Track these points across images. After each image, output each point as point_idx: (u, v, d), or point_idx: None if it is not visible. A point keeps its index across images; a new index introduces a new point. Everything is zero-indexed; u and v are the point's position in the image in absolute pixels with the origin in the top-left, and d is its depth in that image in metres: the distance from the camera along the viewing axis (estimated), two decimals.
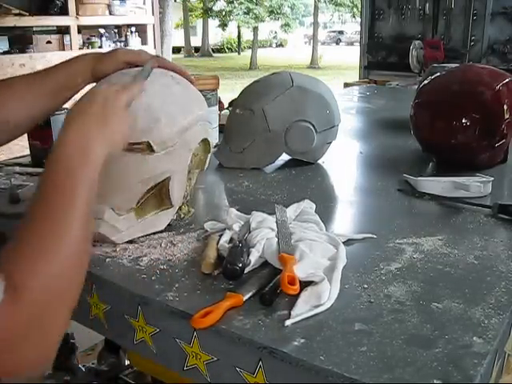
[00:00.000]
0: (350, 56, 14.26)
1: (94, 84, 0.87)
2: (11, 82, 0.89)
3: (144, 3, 4.97)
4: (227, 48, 28.17)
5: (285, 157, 1.30)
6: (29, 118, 0.88)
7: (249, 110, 1.26)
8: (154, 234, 0.89)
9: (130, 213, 0.85)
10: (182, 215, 0.96)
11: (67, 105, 1.31)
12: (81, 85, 0.90)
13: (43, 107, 0.88)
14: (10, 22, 3.94)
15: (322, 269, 0.74)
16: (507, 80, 1.25)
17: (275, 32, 30.77)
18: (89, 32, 4.63)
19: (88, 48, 4.60)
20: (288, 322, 0.63)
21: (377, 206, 1.08)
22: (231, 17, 21.83)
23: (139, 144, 0.82)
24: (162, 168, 0.85)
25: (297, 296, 0.67)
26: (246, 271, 0.74)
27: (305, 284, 0.69)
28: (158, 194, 0.88)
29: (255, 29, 21.74)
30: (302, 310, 0.65)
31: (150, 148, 0.82)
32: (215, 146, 1.43)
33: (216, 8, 22.89)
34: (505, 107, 1.20)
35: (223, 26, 23.22)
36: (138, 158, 0.82)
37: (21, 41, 4.12)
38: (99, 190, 0.80)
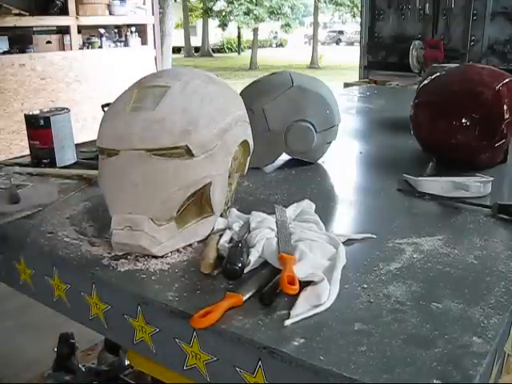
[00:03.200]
0: (350, 56, 14.25)
1: None
2: None
3: (144, 3, 4.97)
4: (227, 48, 28.16)
5: (285, 157, 1.30)
6: None
7: (249, 110, 1.25)
8: None
9: (170, 222, 0.80)
10: None
11: (67, 105, 1.32)
12: None
13: None
14: (10, 22, 3.94)
15: (321, 269, 0.74)
16: (507, 80, 1.25)
17: (275, 32, 30.77)
18: (89, 32, 4.63)
19: (88, 48, 4.60)
20: (287, 322, 0.63)
21: (377, 206, 1.08)
22: (231, 17, 21.82)
23: (177, 148, 0.77)
24: (203, 173, 0.80)
25: (296, 296, 0.67)
26: (245, 271, 0.74)
27: (304, 284, 0.69)
28: (199, 200, 0.83)
29: (255, 29, 21.73)
30: (301, 309, 0.65)
31: (189, 152, 0.77)
32: None
33: (216, 8, 22.88)
34: (505, 107, 1.20)
35: (223, 26, 23.22)
36: (177, 163, 0.77)
37: (21, 41, 4.12)
38: (138, 200, 0.76)
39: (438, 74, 1.37)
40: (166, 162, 0.77)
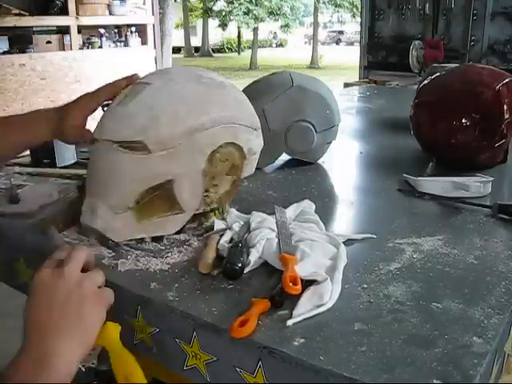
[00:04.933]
0: (350, 56, 14.26)
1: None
2: None
3: (144, 3, 4.98)
4: (227, 48, 28.17)
5: (285, 157, 1.30)
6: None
7: None
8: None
9: (127, 212, 0.82)
10: (208, 224, 0.90)
11: None
12: (39, 144, 0.94)
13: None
14: (10, 21, 3.95)
15: (323, 268, 0.74)
16: (507, 80, 1.25)
17: (275, 32, 30.77)
18: (89, 32, 4.63)
19: (88, 48, 4.61)
20: (290, 322, 0.63)
21: (377, 206, 1.08)
22: (231, 17, 21.83)
23: (135, 143, 0.79)
24: (161, 169, 0.81)
25: (298, 296, 0.67)
26: (245, 271, 0.74)
27: (307, 284, 0.69)
28: (165, 196, 0.84)
29: (255, 29, 21.74)
30: (303, 309, 0.65)
31: (145, 148, 0.79)
32: None
33: (216, 8, 22.88)
34: (505, 107, 1.20)
35: (223, 26, 23.23)
36: (132, 157, 0.80)
37: (21, 41, 4.12)
38: (97, 186, 0.83)
39: (437, 73, 1.37)
40: (124, 155, 0.80)
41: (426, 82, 1.37)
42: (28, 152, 1.34)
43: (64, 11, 4.27)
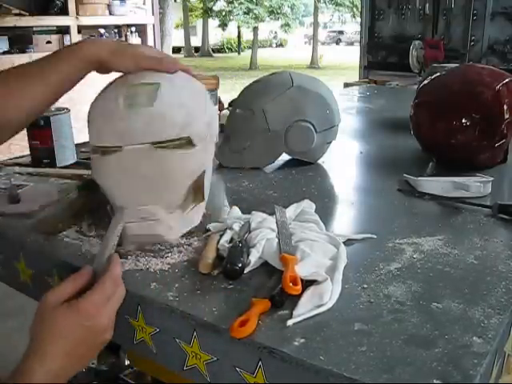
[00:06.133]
0: (350, 56, 14.26)
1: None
2: (7, 78, 0.87)
3: (144, 3, 4.97)
4: (227, 48, 28.19)
5: (285, 157, 1.30)
6: (30, 113, 0.86)
7: (249, 109, 1.26)
8: None
9: (178, 209, 0.85)
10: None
11: (67, 105, 1.32)
12: (84, 76, 0.87)
13: (44, 101, 0.85)
14: (10, 22, 3.95)
15: (323, 268, 0.74)
16: (507, 80, 1.24)
17: (275, 32, 30.78)
18: (89, 32, 4.63)
19: None
20: (290, 322, 0.63)
21: (377, 206, 1.08)
22: (231, 17, 21.85)
23: (180, 140, 0.81)
24: (201, 161, 0.85)
25: (299, 296, 0.67)
26: (245, 271, 0.74)
27: (307, 284, 0.69)
28: (193, 188, 0.87)
29: (255, 29, 21.74)
30: (303, 309, 0.65)
31: (190, 143, 0.82)
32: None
33: (216, 8, 22.90)
34: (505, 107, 1.20)
35: (223, 25, 23.24)
36: (181, 153, 0.82)
37: (21, 41, 4.12)
38: (150, 191, 0.81)
39: (438, 74, 1.37)
40: (172, 154, 0.81)
41: (425, 82, 1.37)
42: (28, 152, 1.34)
43: (64, 11, 4.27)
